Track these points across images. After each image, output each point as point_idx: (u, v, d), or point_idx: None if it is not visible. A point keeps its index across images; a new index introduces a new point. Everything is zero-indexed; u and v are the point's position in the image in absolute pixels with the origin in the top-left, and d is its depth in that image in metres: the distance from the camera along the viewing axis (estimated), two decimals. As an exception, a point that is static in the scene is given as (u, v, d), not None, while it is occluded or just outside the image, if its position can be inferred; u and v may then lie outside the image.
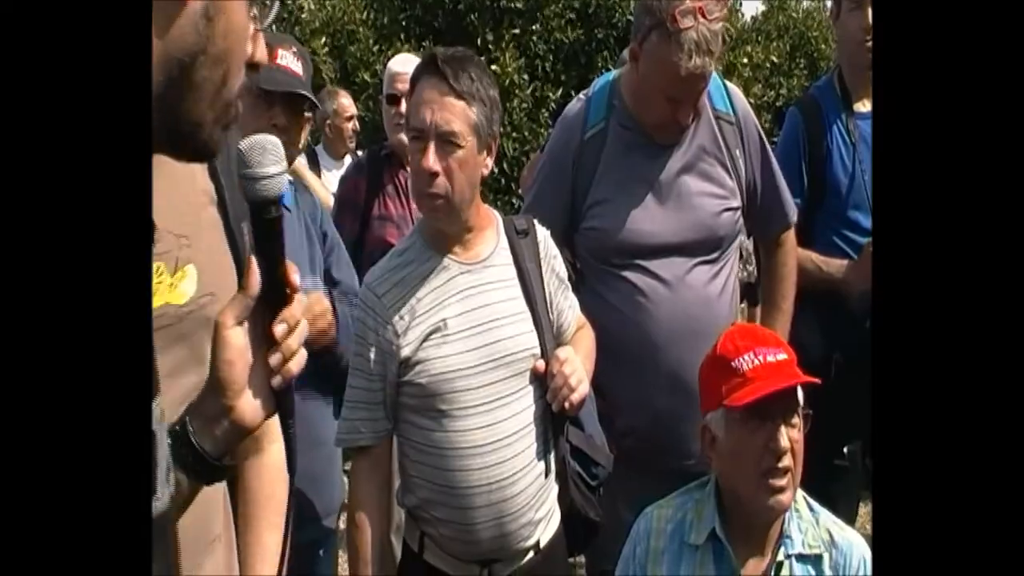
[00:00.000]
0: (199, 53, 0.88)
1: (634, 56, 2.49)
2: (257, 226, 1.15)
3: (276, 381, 1.14)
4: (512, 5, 7.30)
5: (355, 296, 2.37)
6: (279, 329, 1.13)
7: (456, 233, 2.15)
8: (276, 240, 1.15)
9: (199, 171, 1.51)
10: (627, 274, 2.52)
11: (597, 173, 2.56)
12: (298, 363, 1.16)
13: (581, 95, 2.73)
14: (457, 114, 2.03)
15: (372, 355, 2.10)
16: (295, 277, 1.15)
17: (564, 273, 2.34)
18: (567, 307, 2.32)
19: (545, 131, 7.01)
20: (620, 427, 2.55)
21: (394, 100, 3.82)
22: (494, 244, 2.21)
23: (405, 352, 2.07)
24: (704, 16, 2.32)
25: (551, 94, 7.19)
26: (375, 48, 7.32)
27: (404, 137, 3.80)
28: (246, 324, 1.13)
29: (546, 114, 7.13)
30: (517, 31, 7.26)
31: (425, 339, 2.08)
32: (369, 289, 2.15)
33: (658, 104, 2.46)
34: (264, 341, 1.14)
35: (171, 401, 1.41)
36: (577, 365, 2.16)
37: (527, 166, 5.45)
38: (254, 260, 1.12)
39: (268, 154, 1.12)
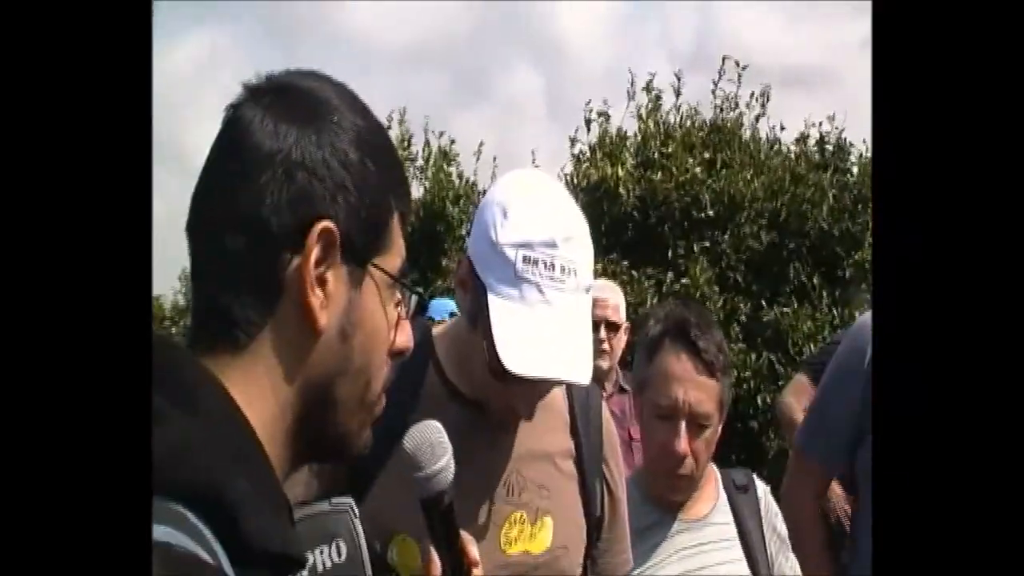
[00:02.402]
0: (339, 374, 0.87)
1: None
2: (432, 515, 1.21)
3: None
4: (704, 215, 7.33)
5: None
6: None
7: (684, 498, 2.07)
8: (451, 523, 1.22)
9: (562, 427, 1.66)
10: None
11: None
12: None
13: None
14: (710, 394, 1.97)
15: None
16: (473, 550, 1.21)
17: (785, 532, 2.19)
18: (788, 569, 2.16)
19: (735, 345, 6.86)
20: None
21: (593, 327, 3.80)
22: (714, 501, 2.11)
23: (620, 614, 1.95)
24: None
25: (742, 305, 7.09)
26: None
27: (602, 363, 3.83)
28: None
29: (736, 327, 7.00)
30: (707, 242, 7.26)
31: None
32: None
33: None
34: None
35: None
36: None
37: None
38: (434, 551, 1.18)
39: (436, 448, 1.19)
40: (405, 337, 0.96)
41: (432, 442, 1.18)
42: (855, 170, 8.09)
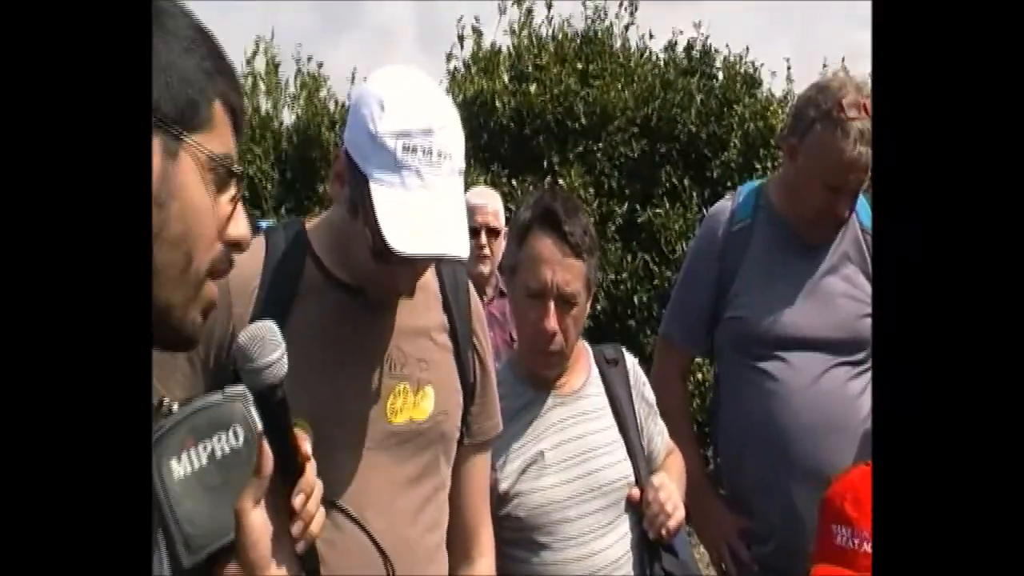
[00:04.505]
0: (155, 239, 0.88)
1: (792, 151, 2.55)
2: (264, 409, 1.16)
3: (300, 547, 1.19)
4: (576, 125, 7.49)
5: None
6: (297, 501, 1.17)
7: (556, 374, 2.21)
8: (284, 416, 1.17)
9: (435, 304, 1.78)
10: (766, 365, 2.54)
11: (743, 265, 2.61)
12: (318, 523, 1.22)
13: (727, 195, 2.78)
14: (576, 274, 2.08)
15: None
16: (306, 445, 1.19)
17: (653, 399, 2.38)
18: (657, 433, 2.36)
19: (612, 246, 7.10)
20: (757, 532, 2.55)
21: (473, 233, 3.93)
22: (586, 375, 2.26)
23: (503, 486, 2.10)
24: (867, 112, 2.40)
25: (616, 208, 7.31)
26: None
27: (483, 268, 3.96)
28: (264, 503, 1.15)
29: (612, 228, 7.22)
30: (581, 149, 7.42)
31: (523, 472, 2.11)
32: None
33: (815, 196, 2.50)
34: (284, 512, 1.17)
35: (410, 505, 1.71)
36: (672, 491, 2.18)
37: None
38: (265, 443, 1.14)
39: (267, 343, 1.16)
40: (243, 230, 1.00)
41: (263, 337, 1.17)
42: (720, 74, 8.31)
